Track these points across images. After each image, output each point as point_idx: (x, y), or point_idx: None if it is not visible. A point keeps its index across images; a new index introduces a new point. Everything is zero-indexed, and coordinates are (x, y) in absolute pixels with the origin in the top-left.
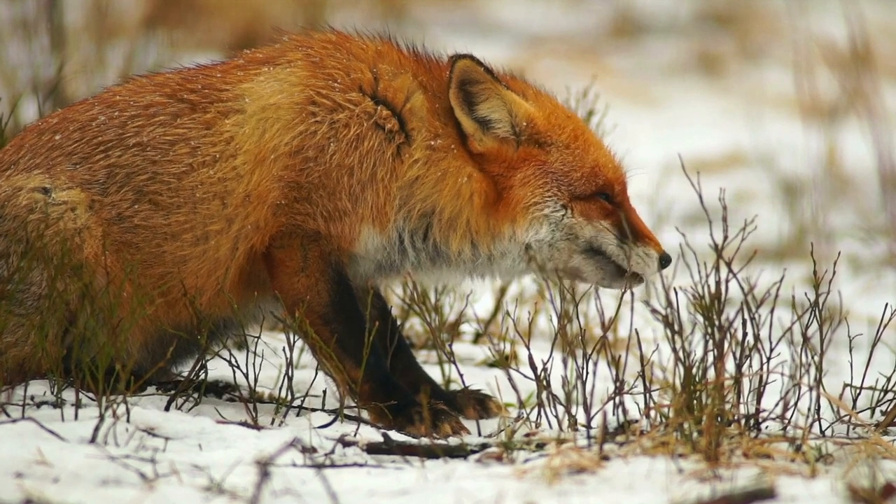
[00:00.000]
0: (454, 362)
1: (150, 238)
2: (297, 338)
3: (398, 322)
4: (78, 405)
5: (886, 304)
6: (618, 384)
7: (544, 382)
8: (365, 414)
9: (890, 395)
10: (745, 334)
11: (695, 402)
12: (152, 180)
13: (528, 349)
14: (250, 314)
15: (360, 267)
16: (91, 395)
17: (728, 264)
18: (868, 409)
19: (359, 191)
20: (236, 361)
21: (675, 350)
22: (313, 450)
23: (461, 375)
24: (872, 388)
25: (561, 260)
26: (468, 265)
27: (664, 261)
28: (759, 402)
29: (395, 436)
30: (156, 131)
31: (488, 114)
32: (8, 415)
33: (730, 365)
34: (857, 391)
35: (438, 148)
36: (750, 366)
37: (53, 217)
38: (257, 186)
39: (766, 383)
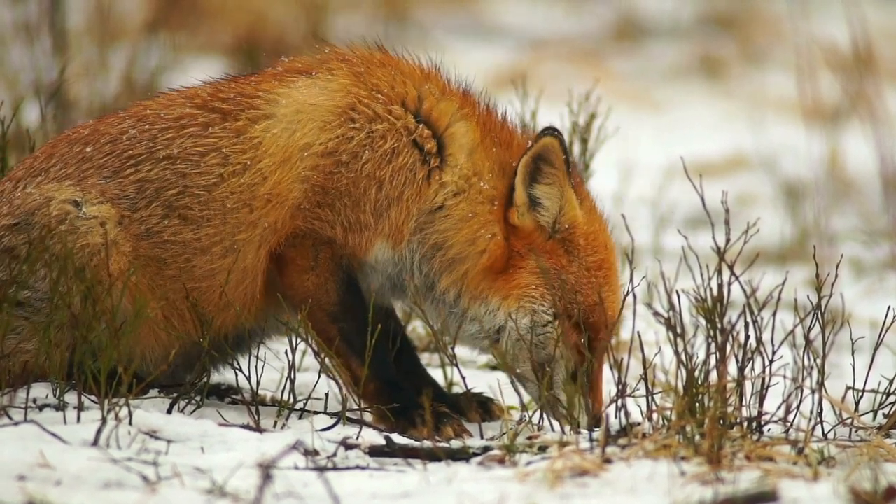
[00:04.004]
0: (456, 365)
1: (180, 253)
2: (299, 341)
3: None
4: (80, 408)
5: (889, 307)
6: (620, 387)
7: (546, 385)
8: (367, 416)
9: (892, 398)
10: (747, 337)
11: (697, 404)
12: (182, 194)
13: (531, 352)
14: (274, 324)
15: (374, 282)
16: (93, 397)
17: (730, 267)
18: (870, 411)
19: (385, 207)
20: (238, 364)
21: (677, 353)
22: (315, 452)
23: (463, 378)
24: (875, 391)
25: (518, 359)
26: (445, 308)
27: (593, 423)
28: (761, 405)
29: (398, 438)
30: (186, 143)
31: (542, 196)
32: (10, 417)
33: (732, 368)
34: (860, 394)
35: (482, 191)
36: (752, 369)
37: (82, 231)
38: (278, 184)
39: (769, 386)
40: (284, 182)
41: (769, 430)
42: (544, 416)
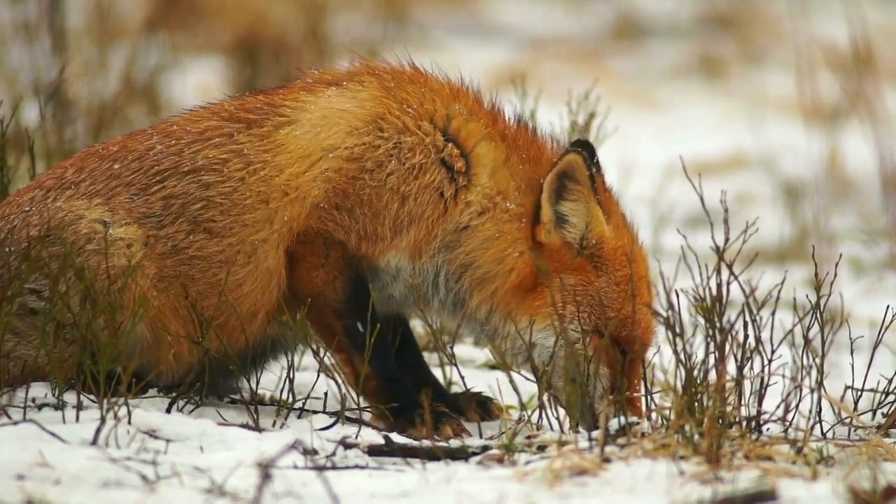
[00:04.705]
0: (455, 364)
1: (206, 268)
2: (298, 340)
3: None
4: (79, 407)
5: (888, 307)
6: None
7: (546, 385)
8: (366, 416)
9: (891, 398)
10: (746, 336)
11: (696, 404)
12: (206, 207)
13: (530, 352)
14: (295, 334)
15: (396, 291)
16: (92, 397)
17: (729, 266)
18: (869, 411)
19: (405, 224)
20: (238, 363)
21: (676, 352)
22: (314, 452)
23: (462, 378)
24: (873, 391)
25: (553, 374)
26: (477, 325)
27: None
28: (760, 404)
29: (397, 438)
30: (211, 153)
31: (569, 213)
32: (9, 417)
33: (731, 367)
34: (859, 393)
35: (508, 210)
36: (751, 368)
37: (109, 252)
38: (295, 177)
39: (768, 385)
40: (304, 177)
41: (768, 429)
42: (544, 414)
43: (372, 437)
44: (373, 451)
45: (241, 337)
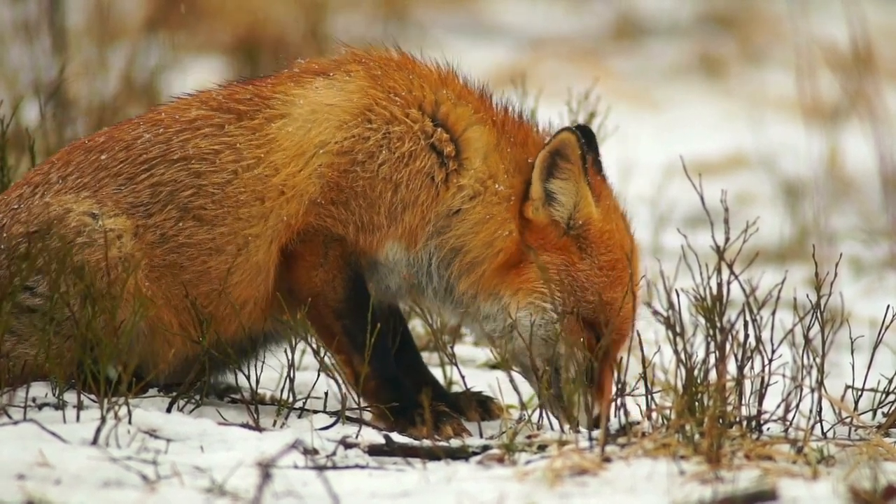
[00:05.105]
0: (456, 364)
1: (196, 256)
2: (298, 339)
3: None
4: (80, 407)
5: (888, 306)
6: (619, 386)
7: (546, 384)
8: (367, 415)
9: (891, 397)
10: (746, 336)
11: (696, 403)
12: (196, 195)
13: (530, 351)
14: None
15: (392, 283)
16: (93, 396)
17: (730, 266)
18: (869, 410)
19: (399, 210)
20: (234, 356)
21: (676, 352)
22: (315, 451)
23: (463, 377)
24: (874, 390)
25: (531, 354)
26: (463, 309)
27: (593, 424)
28: (760, 403)
29: (397, 437)
30: (201, 143)
31: (558, 192)
32: (10, 416)
33: (731, 367)
34: (859, 393)
35: (497, 192)
36: (751, 368)
37: (99, 244)
38: (292, 176)
39: (768, 385)
40: (300, 176)
41: (768, 428)
42: (544, 414)
43: (372, 436)
44: (373, 450)
45: (230, 326)
